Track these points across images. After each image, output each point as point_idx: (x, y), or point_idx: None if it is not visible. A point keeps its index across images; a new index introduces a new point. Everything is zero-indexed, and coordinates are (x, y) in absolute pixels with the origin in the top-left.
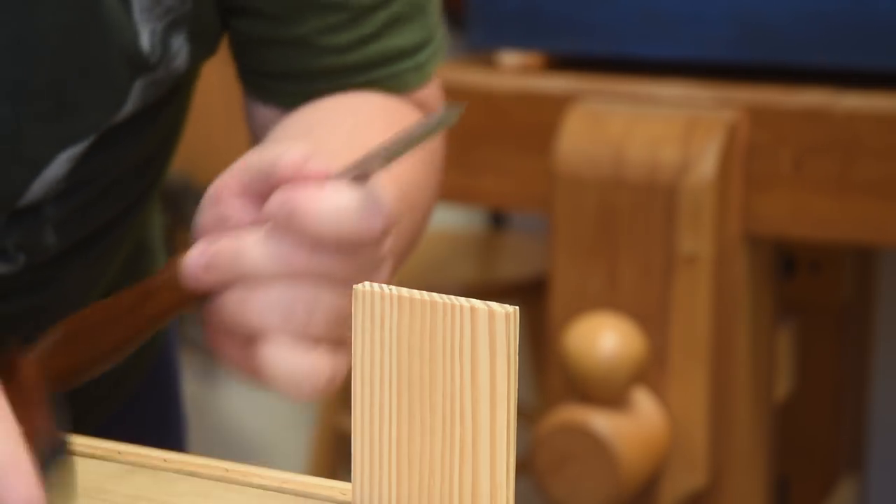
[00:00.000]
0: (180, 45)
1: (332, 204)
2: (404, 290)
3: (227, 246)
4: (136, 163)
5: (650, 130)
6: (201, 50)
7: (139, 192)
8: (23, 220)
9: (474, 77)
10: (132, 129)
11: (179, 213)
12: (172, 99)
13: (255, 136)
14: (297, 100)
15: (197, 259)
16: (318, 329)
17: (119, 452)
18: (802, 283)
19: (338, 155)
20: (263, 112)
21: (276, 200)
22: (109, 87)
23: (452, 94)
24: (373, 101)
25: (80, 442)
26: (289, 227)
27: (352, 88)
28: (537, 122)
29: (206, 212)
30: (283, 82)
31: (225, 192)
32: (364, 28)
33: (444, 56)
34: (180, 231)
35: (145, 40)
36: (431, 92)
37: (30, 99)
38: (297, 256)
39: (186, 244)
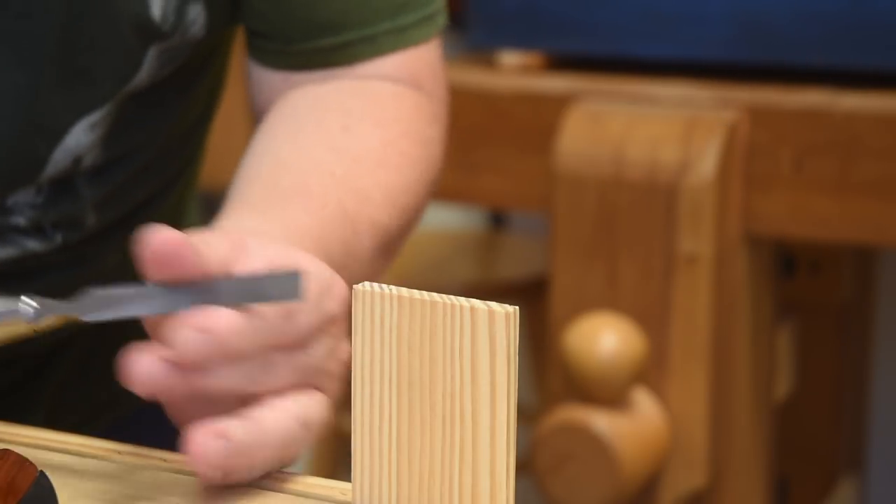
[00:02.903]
0: (197, 14)
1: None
2: (404, 290)
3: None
4: (171, 139)
5: (650, 130)
6: (218, 17)
7: (177, 171)
8: (60, 201)
9: (474, 77)
10: (159, 100)
11: None
12: (201, 72)
13: (250, 96)
14: (278, 59)
15: (148, 378)
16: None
17: (119, 452)
18: (802, 282)
19: (327, 205)
20: (255, 70)
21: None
22: (119, 55)
23: (452, 94)
24: (362, 120)
25: (80, 442)
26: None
27: (327, 55)
28: (537, 122)
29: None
30: (262, 39)
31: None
32: None
33: (439, 25)
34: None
35: (156, 8)
36: (421, 64)
37: (42, 67)
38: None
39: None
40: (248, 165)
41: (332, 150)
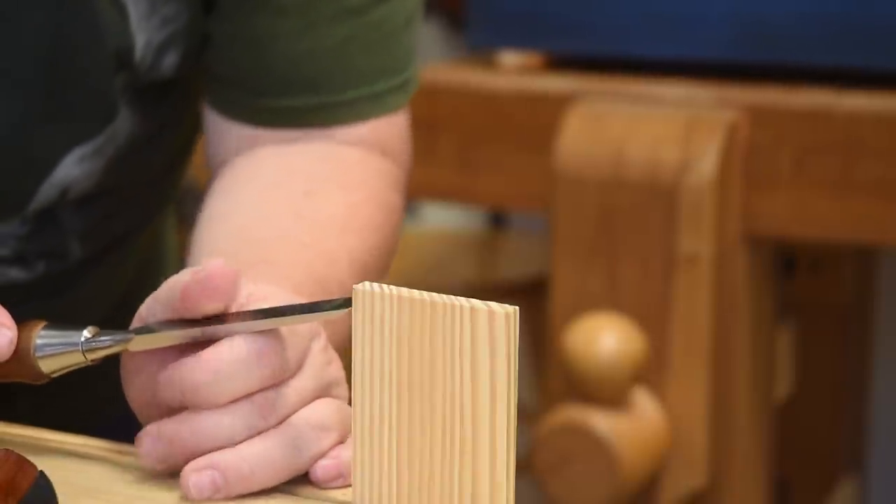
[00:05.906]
0: (171, 60)
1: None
2: (404, 290)
3: (182, 431)
4: (156, 173)
5: (650, 130)
6: (189, 61)
7: (159, 201)
8: (44, 231)
9: (474, 77)
10: (145, 140)
11: (180, 214)
12: (186, 109)
13: (208, 145)
14: (246, 113)
15: (153, 447)
16: None
17: (119, 452)
18: (803, 283)
19: (294, 279)
20: (216, 121)
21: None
22: (103, 92)
23: (452, 94)
24: (327, 186)
25: (80, 442)
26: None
27: (303, 114)
28: (537, 122)
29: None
30: (230, 88)
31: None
32: (318, 39)
33: (411, 92)
34: (181, 230)
35: (139, 51)
36: (392, 130)
37: (31, 99)
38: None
39: (184, 245)
40: (206, 236)
41: (296, 216)
